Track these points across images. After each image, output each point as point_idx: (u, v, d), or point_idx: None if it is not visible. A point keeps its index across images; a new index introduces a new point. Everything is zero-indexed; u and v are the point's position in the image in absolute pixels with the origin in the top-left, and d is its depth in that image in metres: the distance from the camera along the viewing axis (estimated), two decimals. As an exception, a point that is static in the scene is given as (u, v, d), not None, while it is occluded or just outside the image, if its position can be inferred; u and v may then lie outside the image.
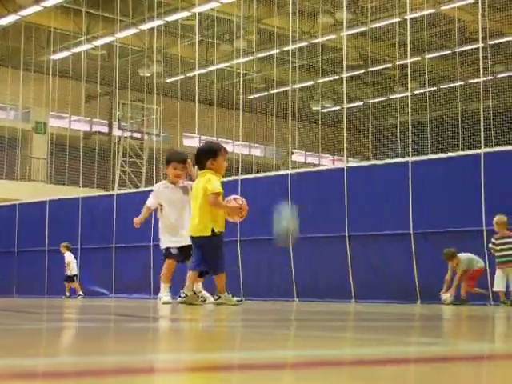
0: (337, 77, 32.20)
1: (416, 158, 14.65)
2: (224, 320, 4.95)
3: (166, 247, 8.42)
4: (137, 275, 18.16)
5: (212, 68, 31.24)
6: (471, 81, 28.67)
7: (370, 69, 31.13)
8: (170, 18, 28.17)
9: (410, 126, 17.89)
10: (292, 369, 1.84)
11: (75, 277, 19.34)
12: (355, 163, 23.33)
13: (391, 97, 32.84)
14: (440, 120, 30.59)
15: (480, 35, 18.61)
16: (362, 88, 33.03)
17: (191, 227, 7.64)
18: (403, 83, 28.99)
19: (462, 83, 29.79)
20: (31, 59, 31.33)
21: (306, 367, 1.86)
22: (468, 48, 27.43)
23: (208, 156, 7.56)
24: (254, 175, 18.46)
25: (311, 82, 33.60)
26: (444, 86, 31.53)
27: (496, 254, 11.93)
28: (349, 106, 26.97)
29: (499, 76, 29.15)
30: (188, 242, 8.01)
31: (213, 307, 7.21)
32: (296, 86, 29.75)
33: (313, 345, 2.65)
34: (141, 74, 32.14)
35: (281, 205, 8.06)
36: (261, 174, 18.15)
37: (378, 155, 32.37)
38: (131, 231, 19.20)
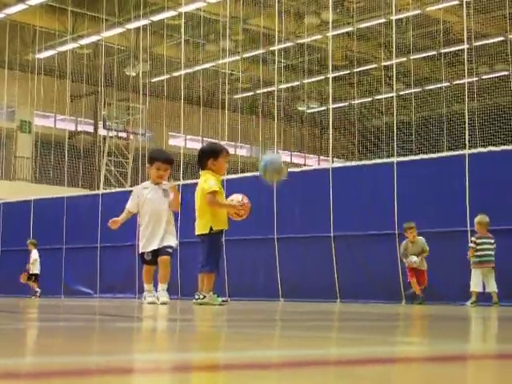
0: (322, 77, 32.26)
1: (401, 159, 14.69)
2: (209, 320, 4.95)
3: (141, 253, 8.16)
4: (121, 275, 18.10)
5: (198, 68, 31.21)
6: (456, 82, 28.79)
7: (356, 69, 31.20)
8: (156, 18, 28.15)
9: (396, 127, 17.93)
10: (277, 369, 1.84)
11: (37, 276, 19.45)
12: (340, 164, 23.38)
13: (376, 97, 32.92)
14: (425, 121, 30.71)
15: (465, 36, 18.69)
16: (348, 88, 33.10)
17: (196, 226, 7.85)
18: (388, 84, 29.10)
19: (447, 84, 29.91)
20: (16, 58, 31.20)
21: (291, 367, 1.86)
22: (453, 49, 27.55)
23: (209, 156, 7.79)
24: (240, 175, 18.44)
25: (297, 83, 33.64)
26: (429, 87, 31.65)
27: (475, 254, 12.02)
28: (334, 107, 26.99)
29: (484, 77, 29.29)
30: (163, 245, 7.88)
31: (197, 307, 7.19)
32: (282, 86, 29.77)
33: (297, 345, 2.65)
34: (127, 74, 32.07)
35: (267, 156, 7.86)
36: (246, 174, 18.14)
37: (364, 156, 32.45)
38: (116, 231, 19.24)
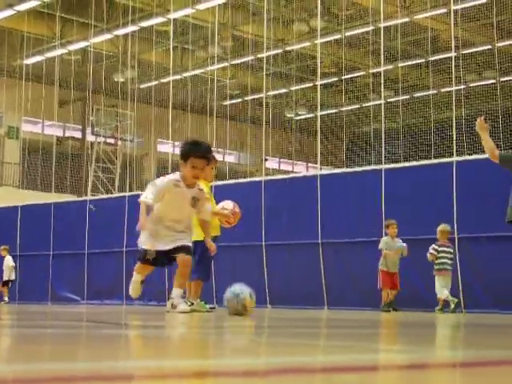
0: (311, 84, 32.32)
1: (389, 166, 14.74)
2: (196, 327, 4.95)
3: (143, 249, 7.11)
4: (109, 281, 18.06)
5: (186, 74, 31.20)
6: (444, 89, 28.91)
7: (344, 76, 31.26)
8: (145, 24, 28.11)
9: (384, 134, 17.98)
10: (263, 377, 1.85)
11: (10, 282, 19.67)
12: (328, 170, 23.41)
13: (365, 105, 32.99)
14: (413, 128, 30.79)
15: (452, 44, 18.78)
16: (336, 96, 33.16)
17: None
18: (377, 91, 29.17)
19: (435, 92, 30.01)
20: (4, 64, 31.10)
21: (277, 374, 1.87)
22: (441, 57, 27.66)
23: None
24: (228, 182, 18.44)
25: (285, 90, 33.69)
26: (417, 95, 31.74)
27: (436, 262, 12.37)
28: (322, 114, 27.05)
29: (471, 85, 29.41)
30: (170, 247, 6.96)
31: (185, 315, 7.18)
32: (270, 93, 29.79)
33: (283, 352, 2.66)
34: (115, 80, 32.02)
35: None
36: (234, 181, 18.15)
37: (352, 163, 32.50)
38: (104, 237, 19.21)
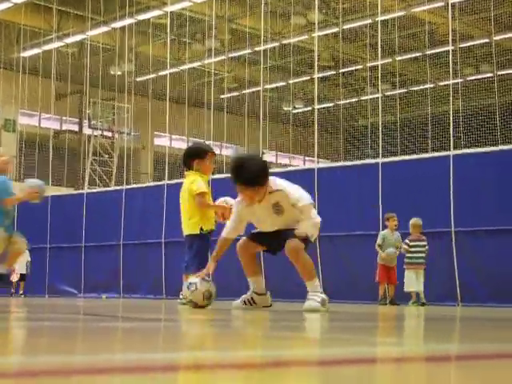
0: (308, 77, 32.29)
1: (386, 160, 14.73)
2: (192, 320, 4.95)
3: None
4: (106, 274, 18.06)
5: (183, 67, 31.14)
6: (441, 83, 28.90)
7: (342, 70, 31.23)
8: (142, 17, 28.07)
9: (381, 128, 17.96)
10: (260, 369, 1.84)
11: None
12: (326, 164, 23.41)
13: (362, 98, 32.96)
14: (410, 122, 30.77)
15: (450, 38, 18.75)
16: (333, 89, 33.13)
17: (184, 227, 7.63)
18: (374, 84, 29.15)
19: (432, 85, 30.00)
20: (0, 56, 31.03)
21: (275, 367, 1.87)
22: (438, 50, 27.63)
23: (194, 157, 7.59)
24: (225, 175, 18.43)
25: (283, 83, 33.65)
26: (414, 88, 31.72)
27: (407, 255, 12.47)
28: (320, 107, 27.02)
29: (469, 78, 29.40)
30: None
31: (180, 308, 7.18)
32: (267, 87, 29.77)
33: (280, 345, 2.65)
34: (112, 73, 31.95)
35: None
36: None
37: (349, 156, 32.49)
38: (101, 230, 19.21)
